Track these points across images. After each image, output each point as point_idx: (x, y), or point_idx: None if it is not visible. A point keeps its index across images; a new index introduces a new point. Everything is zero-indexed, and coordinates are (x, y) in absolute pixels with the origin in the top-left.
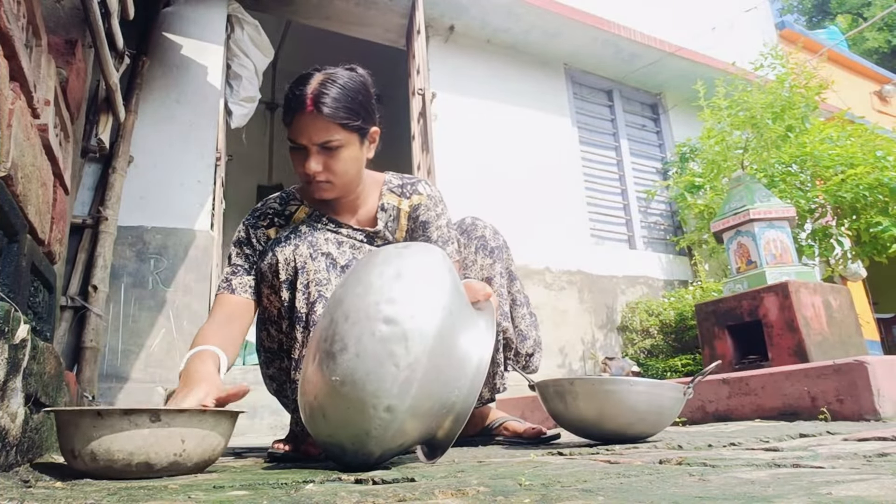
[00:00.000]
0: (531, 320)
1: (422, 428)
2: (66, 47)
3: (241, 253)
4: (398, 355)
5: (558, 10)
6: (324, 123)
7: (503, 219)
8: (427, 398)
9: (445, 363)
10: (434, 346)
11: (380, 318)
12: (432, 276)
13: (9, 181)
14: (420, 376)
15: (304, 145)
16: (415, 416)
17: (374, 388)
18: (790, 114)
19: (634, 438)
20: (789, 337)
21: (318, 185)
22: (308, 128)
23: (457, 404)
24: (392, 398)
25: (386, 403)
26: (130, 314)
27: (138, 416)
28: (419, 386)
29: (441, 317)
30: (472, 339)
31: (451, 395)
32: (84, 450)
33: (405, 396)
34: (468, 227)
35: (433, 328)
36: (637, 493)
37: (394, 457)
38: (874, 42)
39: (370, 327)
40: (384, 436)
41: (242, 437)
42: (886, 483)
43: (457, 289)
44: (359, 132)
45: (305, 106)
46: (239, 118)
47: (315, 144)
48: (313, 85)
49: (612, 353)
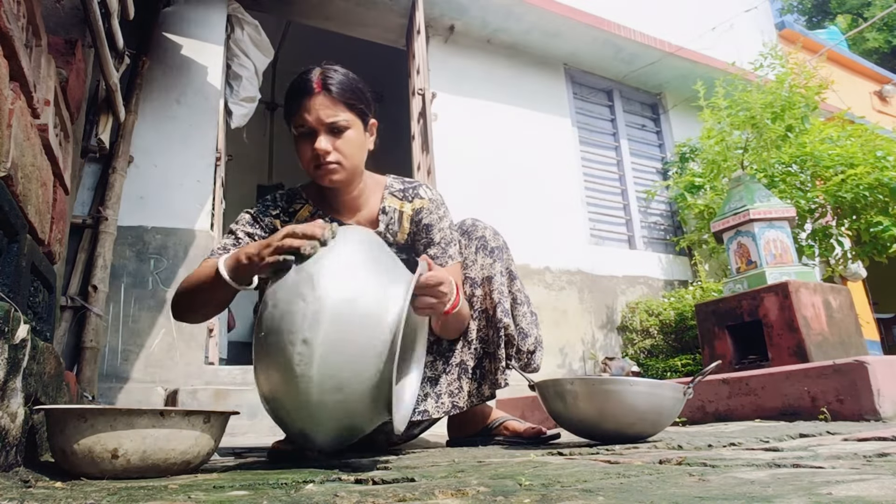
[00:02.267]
0: (532, 319)
1: (356, 383)
2: (66, 47)
3: (244, 229)
4: (305, 293)
5: (558, 10)
6: (332, 103)
7: (503, 218)
8: (344, 340)
9: (358, 307)
10: (341, 286)
11: (292, 274)
12: (345, 240)
13: (9, 181)
14: (329, 308)
15: (312, 128)
16: (336, 352)
17: (288, 327)
18: (790, 114)
19: (634, 438)
20: (789, 337)
21: (327, 168)
22: (317, 109)
23: (383, 362)
24: (305, 331)
25: (301, 337)
26: (130, 314)
27: (130, 416)
28: (330, 320)
29: (347, 262)
30: (389, 294)
31: (372, 343)
32: (71, 448)
33: (317, 329)
34: (468, 229)
35: (339, 268)
36: (637, 493)
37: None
38: (874, 42)
39: (284, 282)
40: (309, 373)
41: (242, 437)
42: (886, 483)
43: (372, 251)
44: (361, 117)
45: (313, 88)
46: (239, 118)
47: (324, 125)
48: (318, 72)
49: (612, 353)
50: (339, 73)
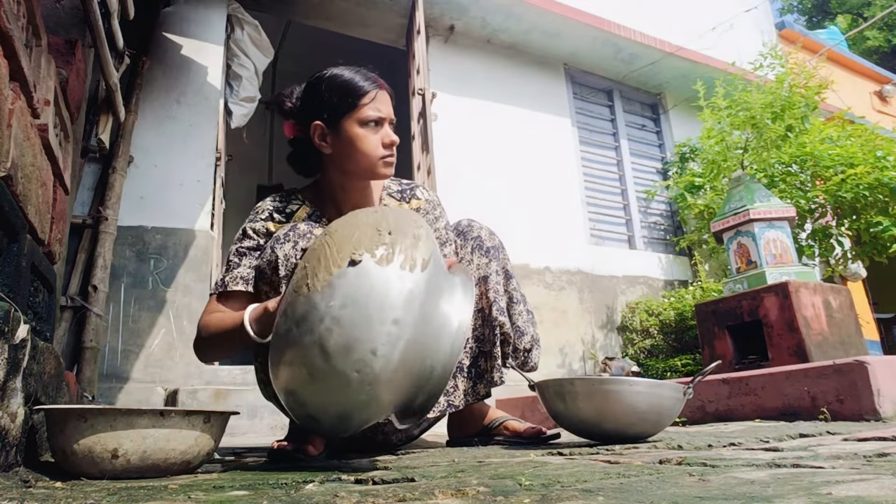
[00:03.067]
0: (528, 317)
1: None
2: (66, 47)
3: (238, 249)
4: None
5: (558, 10)
6: (390, 102)
7: (503, 218)
8: (413, 349)
9: (428, 321)
10: (417, 300)
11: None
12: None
13: (9, 181)
14: (411, 327)
15: (384, 119)
16: (417, 341)
17: (378, 304)
18: (790, 114)
19: (634, 438)
20: (789, 337)
21: (390, 160)
22: (386, 104)
23: (436, 368)
24: (397, 310)
25: (392, 316)
26: (130, 314)
27: (130, 416)
28: (419, 307)
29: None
30: (451, 304)
31: (433, 355)
32: (71, 448)
33: (410, 311)
34: (464, 229)
35: (416, 284)
36: (637, 493)
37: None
38: (874, 42)
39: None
40: (392, 355)
41: (242, 437)
42: (886, 483)
43: (435, 256)
44: None
45: (380, 84)
46: (239, 118)
47: (389, 119)
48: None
49: (612, 353)
50: None
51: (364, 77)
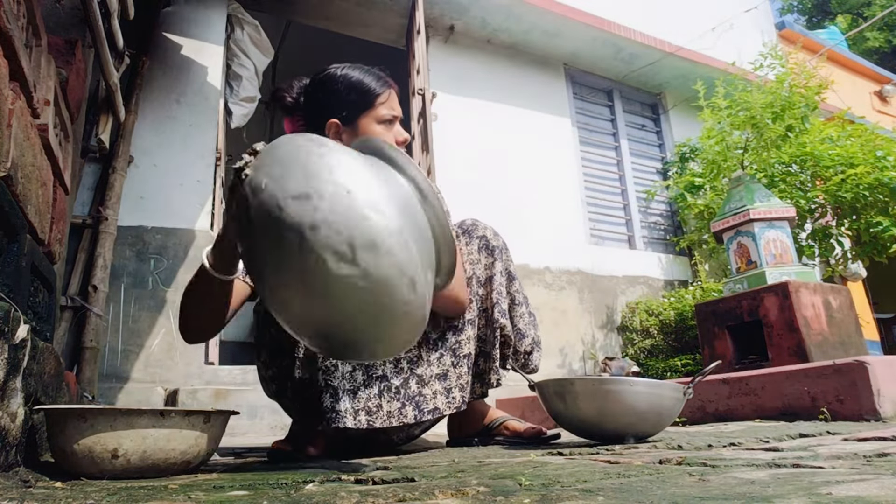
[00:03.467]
0: (530, 319)
1: (419, 245)
2: (66, 47)
3: None
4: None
5: (558, 10)
6: (397, 99)
7: (503, 219)
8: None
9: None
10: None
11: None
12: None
13: (9, 181)
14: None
15: (397, 117)
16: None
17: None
18: (790, 114)
19: (634, 438)
20: (789, 337)
21: None
22: (397, 102)
23: (433, 221)
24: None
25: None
26: (130, 314)
27: (130, 416)
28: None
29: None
30: (393, 176)
31: (423, 210)
32: (71, 448)
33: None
34: (469, 228)
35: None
36: (637, 493)
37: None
38: (874, 42)
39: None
40: (389, 210)
41: (242, 437)
42: (886, 483)
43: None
44: None
45: (391, 84)
46: (239, 118)
47: (400, 116)
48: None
49: (612, 353)
50: None
51: (377, 76)
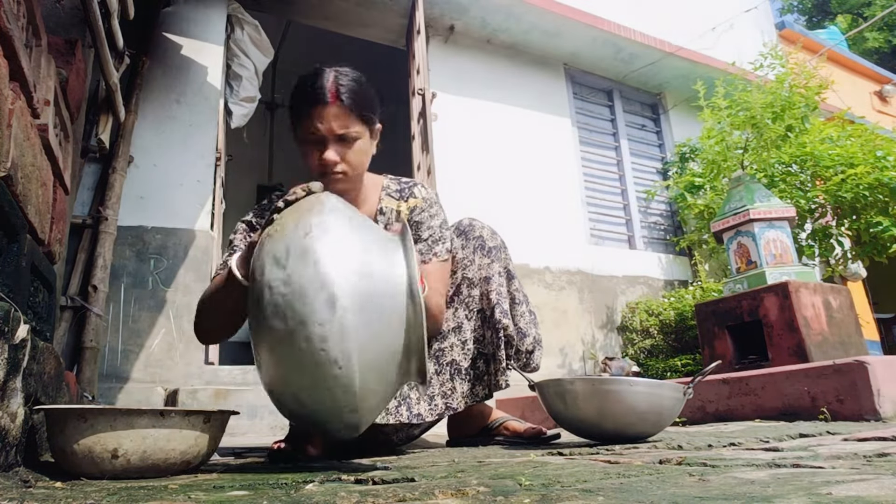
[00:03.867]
0: (530, 318)
1: (377, 344)
2: (66, 47)
3: (243, 238)
4: (314, 274)
5: (558, 10)
6: (345, 114)
7: (503, 218)
8: (369, 314)
9: (373, 278)
10: (348, 260)
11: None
12: (330, 210)
13: (9, 181)
14: (347, 286)
15: (323, 137)
16: (365, 327)
17: (306, 309)
18: (790, 114)
19: (634, 438)
20: (789, 337)
21: (334, 177)
22: (329, 119)
23: (408, 323)
24: (329, 274)
25: (319, 318)
26: (130, 314)
27: (130, 416)
28: (350, 296)
29: (343, 235)
30: (391, 261)
31: (394, 309)
32: (71, 448)
33: (342, 269)
34: (466, 228)
35: (338, 242)
36: (637, 493)
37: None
38: (874, 42)
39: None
40: (341, 318)
41: (242, 437)
42: (886, 483)
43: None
44: (369, 125)
45: (327, 98)
46: (239, 118)
47: (335, 135)
48: (331, 79)
49: (612, 353)
50: (352, 79)
51: (314, 88)
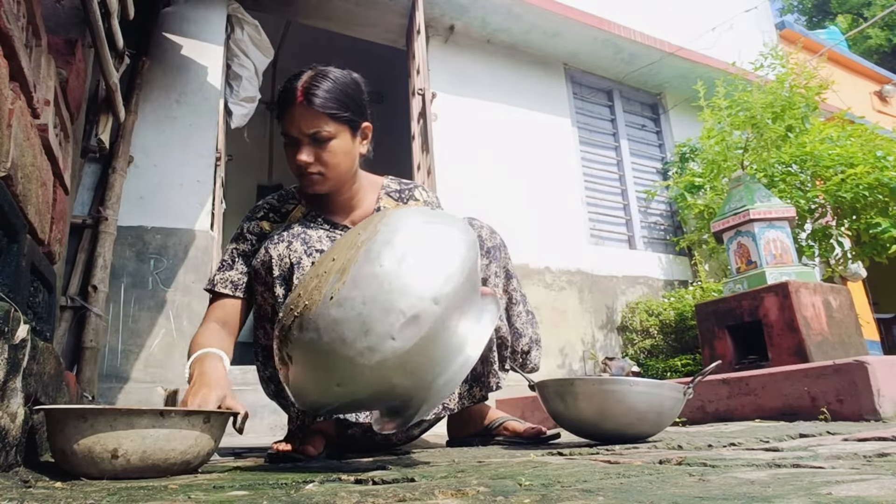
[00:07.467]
0: (528, 318)
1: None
2: (66, 47)
3: (234, 249)
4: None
5: (558, 10)
6: (313, 114)
7: (503, 218)
8: (428, 348)
9: (447, 330)
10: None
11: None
12: (448, 247)
13: (9, 181)
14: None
15: (295, 137)
16: (420, 353)
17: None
18: (790, 114)
19: (634, 438)
20: (789, 337)
21: (310, 178)
22: (298, 119)
23: (437, 380)
24: (425, 301)
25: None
26: (130, 314)
27: (130, 416)
28: (427, 331)
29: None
30: (470, 331)
31: (441, 364)
32: (71, 448)
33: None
34: None
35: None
36: (637, 493)
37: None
38: (875, 42)
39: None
40: (406, 344)
41: (242, 437)
42: (886, 483)
43: (470, 274)
44: (349, 125)
45: (296, 98)
46: (239, 118)
47: (306, 136)
48: (304, 79)
49: (612, 353)
50: (328, 79)
51: (286, 89)
